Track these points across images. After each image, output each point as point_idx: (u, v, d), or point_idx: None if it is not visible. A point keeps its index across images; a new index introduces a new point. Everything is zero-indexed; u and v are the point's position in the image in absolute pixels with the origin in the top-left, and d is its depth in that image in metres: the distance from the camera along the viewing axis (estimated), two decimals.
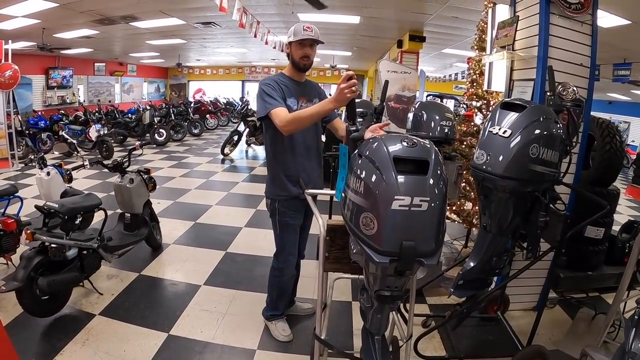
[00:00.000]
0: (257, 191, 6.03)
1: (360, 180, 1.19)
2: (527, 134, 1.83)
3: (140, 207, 3.34)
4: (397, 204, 1.12)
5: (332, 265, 1.76)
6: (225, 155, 8.54)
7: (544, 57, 2.55)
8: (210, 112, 13.68)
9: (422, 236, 1.17)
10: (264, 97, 2.10)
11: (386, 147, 1.19)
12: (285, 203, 2.32)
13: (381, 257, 1.15)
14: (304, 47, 2.18)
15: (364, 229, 1.17)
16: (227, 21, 7.16)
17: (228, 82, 19.04)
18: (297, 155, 2.26)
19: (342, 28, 7.73)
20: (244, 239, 4.12)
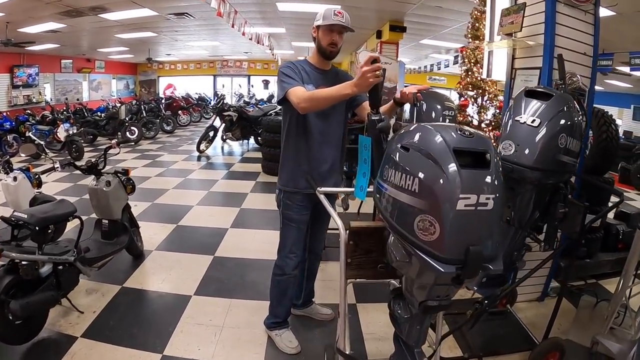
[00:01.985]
0: (238, 189, 5.82)
1: (412, 177, 1.03)
2: (556, 123, 1.75)
3: (118, 212, 3.06)
4: (463, 204, 0.98)
5: (355, 271, 1.60)
6: (201, 152, 8.31)
7: (550, 46, 2.50)
8: (183, 108, 13.37)
9: (487, 238, 1.04)
10: (282, 79, 2.00)
11: (442, 137, 1.04)
12: (290, 196, 2.20)
13: (446, 266, 1.00)
14: (332, 33, 2.04)
15: (420, 234, 1.01)
16: (202, 12, 6.94)
17: (199, 77, 18.67)
18: (313, 144, 2.13)
19: None
20: (231, 241, 3.91)
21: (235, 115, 8.27)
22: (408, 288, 1.30)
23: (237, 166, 7.41)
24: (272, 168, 6.63)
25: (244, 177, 6.56)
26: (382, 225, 1.44)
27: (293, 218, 2.23)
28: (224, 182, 6.24)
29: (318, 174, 2.15)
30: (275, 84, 18.88)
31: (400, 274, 1.37)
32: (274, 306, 2.42)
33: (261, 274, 3.24)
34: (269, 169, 6.72)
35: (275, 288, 2.38)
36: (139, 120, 10.23)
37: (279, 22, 8.69)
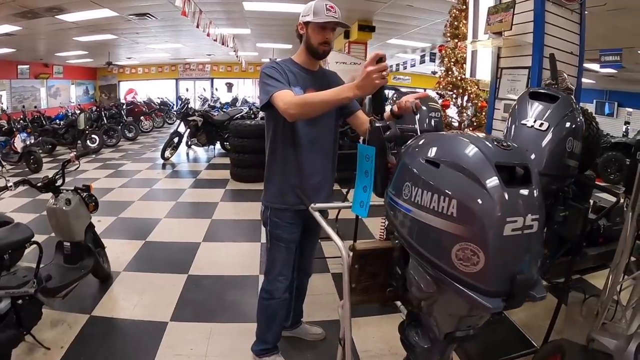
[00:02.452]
0: (207, 198, 5.58)
1: (448, 198, 0.90)
2: (563, 126, 1.70)
3: (81, 233, 2.78)
4: (510, 228, 0.86)
5: (360, 297, 1.45)
6: (166, 159, 7.97)
7: (540, 45, 2.47)
8: (145, 113, 12.87)
9: (531, 264, 0.93)
10: (265, 81, 1.78)
11: (481, 150, 0.92)
12: (279, 213, 2.00)
13: (493, 300, 0.88)
14: (325, 31, 1.83)
15: (460, 265, 0.89)
16: (164, 12, 6.69)
17: (161, 81, 18.15)
18: (303, 155, 1.94)
19: (286, 18, 7.45)
20: (205, 257, 3.68)
21: (201, 120, 7.99)
22: (432, 317, 1.17)
23: (204, 173, 7.14)
24: (242, 174, 6.45)
25: (212, 185, 6.32)
26: (389, 245, 1.32)
27: (283, 237, 2.03)
28: (191, 192, 5.97)
29: (309, 188, 1.96)
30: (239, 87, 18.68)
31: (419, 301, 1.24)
32: (262, 331, 2.23)
33: (241, 292, 3.08)
34: (238, 175, 6.52)
35: (263, 313, 2.18)
36: (100, 128, 9.80)
37: (244, 23, 8.52)
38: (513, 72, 2.77)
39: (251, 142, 6.38)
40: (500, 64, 2.91)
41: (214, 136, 8.40)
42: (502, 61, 2.89)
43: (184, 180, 6.66)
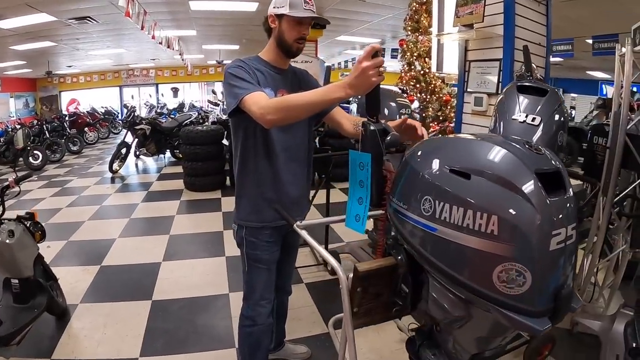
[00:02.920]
0: (162, 212, 5.28)
1: (487, 214, 0.81)
2: (554, 120, 1.69)
3: (29, 266, 2.48)
4: (555, 242, 0.80)
5: (362, 320, 1.34)
6: (115, 172, 7.53)
7: (511, 36, 2.49)
8: (89, 124, 12.18)
9: (571, 275, 0.87)
10: (232, 82, 1.55)
11: (518, 157, 0.84)
12: (256, 232, 1.80)
13: (541, 321, 0.81)
14: (301, 26, 1.65)
15: (504, 288, 0.80)
16: (106, 15, 6.30)
17: (104, 89, 17.26)
18: (278, 165, 1.75)
19: (235, 17, 7.28)
20: (168, 278, 3.44)
21: (149, 128, 7.61)
22: (453, 338, 1.09)
23: (156, 185, 6.79)
24: (196, 184, 6.24)
25: (166, 197, 6.02)
26: (393, 261, 1.22)
27: (262, 258, 1.85)
28: (145, 206, 5.63)
29: (288, 201, 1.80)
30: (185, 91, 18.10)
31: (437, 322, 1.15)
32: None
33: (213, 314, 2.90)
34: (192, 185, 6.28)
35: (245, 341, 1.98)
36: (42, 143, 9.13)
37: (190, 24, 8.22)
38: (482, 64, 2.78)
39: (204, 148, 6.16)
40: (468, 56, 2.91)
41: (163, 144, 8.05)
42: (470, 54, 2.89)
43: (136, 194, 6.29)
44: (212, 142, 6.31)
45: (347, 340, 1.35)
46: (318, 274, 3.59)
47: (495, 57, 2.62)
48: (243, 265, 1.90)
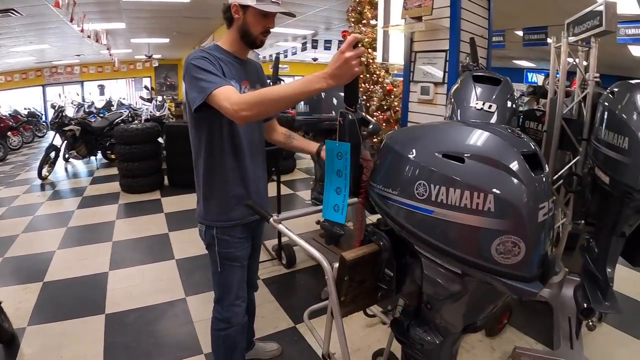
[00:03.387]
0: (101, 217, 5.01)
1: (484, 194, 0.90)
2: (507, 107, 1.85)
3: None
4: (542, 214, 0.91)
5: (349, 308, 1.41)
6: (44, 178, 6.98)
7: (457, 28, 2.65)
8: (12, 128, 11.11)
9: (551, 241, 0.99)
10: (197, 75, 1.48)
11: (506, 141, 0.94)
12: (228, 230, 1.79)
13: (534, 284, 0.92)
14: (267, 19, 1.64)
15: (502, 259, 0.90)
16: (31, 6, 5.80)
17: (26, 89, 15.96)
18: (245, 161, 1.75)
19: (167, 9, 7.02)
20: (118, 288, 3.28)
21: (78, 128, 7.11)
22: (448, 314, 1.18)
23: (90, 189, 6.40)
24: (133, 185, 6.00)
25: (103, 202, 5.71)
26: (376, 247, 1.29)
27: (237, 256, 1.84)
28: (81, 213, 5.30)
29: (256, 196, 1.83)
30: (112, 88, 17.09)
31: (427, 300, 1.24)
32: None
33: (173, 322, 2.84)
34: (129, 187, 6.03)
35: (221, 346, 1.95)
36: None
37: (120, 16, 7.81)
38: (428, 55, 2.94)
39: (140, 148, 5.95)
40: (414, 47, 3.06)
41: (94, 145, 7.57)
42: (416, 45, 3.04)
43: (70, 201, 5.88)
44: (148, 140, 6.09)
45: (337, 329, 1.40)
46: (273, 268, 3.64)
47: (441, 48, 2.79)
48: (214, 267, 1.86)
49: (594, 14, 2.41)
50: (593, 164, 2.23)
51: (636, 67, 10.88)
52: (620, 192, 1.99)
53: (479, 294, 1.05)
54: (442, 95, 2.95)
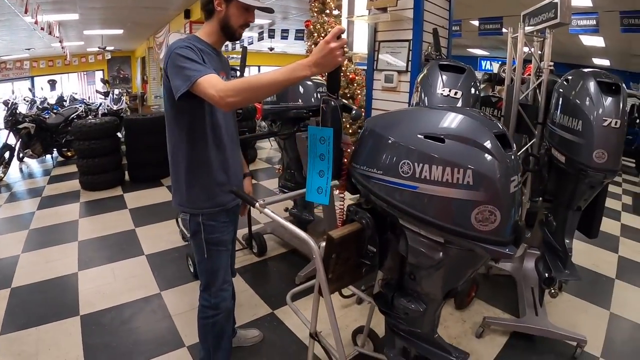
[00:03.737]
0: (64, 217, 4.86)
1: (463, 169, 1.02)
2: (471, 94, 1.99)
3: None
4: (513, 185, 1.05)
5: (336, 284, 1.52)
6: None
7: (420, 19, 2.78)
8: None
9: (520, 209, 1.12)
10: (182, 64, 1.52)
11: (480, 123, 1.06)
12: (213, 216, 1.84)
13: (510, 247, 1.05)
14: (249, 13, 1.73)
15: (480, 226, 1.03)
16: None
17: None
18: (225, 149, 1.82)
19: None
20: (90, 288, 3.22)
21: (33, 126, 6.79)
22: (431, 282, 1.29)
23: (49, 189, 6.16)
24: (94, 182, 5.84)
25: (63, 201, 5.52)
26: (359, 226, 1.39)
27: (223, 240, 1.90)
28: (42, 214, 5.11)
29: (237, 182, 1.92)
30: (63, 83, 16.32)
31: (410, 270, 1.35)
32: (212, 354, 2.03)
33: (150, 318, 2.84)
34: (90, 184, 5.87)
35: (210, 333, 2.00)
36: None
37: (74, 7, 7.49)
38: (392, 45, 3.07)
39: (100, 143, 5.79)
40: (377, 37, 3.17)
41: (50, 143, 7.26)
42: (379, 35, 3.16)
43: (29, 202, 5.63)
44: (107, 135, 5.93)
45: (326, 306, 1.50)
46: (245, 257, 3.69)
47: (405, 38, 2.92)
48: (200, 254, 1.90)
49: (550, 6, 2.60)
50: (549, 145, 2.43)
51: (587, 55, 11.58)
52: (575, 169, 2.19)
53: (459, 261, 1.18)
54: (406, 83, 3.09)
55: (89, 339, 2.60)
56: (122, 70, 18.05)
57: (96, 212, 5.10)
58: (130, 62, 17.95)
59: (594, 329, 2.75)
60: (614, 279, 3.51)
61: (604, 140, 2.04)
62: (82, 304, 3.00)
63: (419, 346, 1.43)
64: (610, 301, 3.13)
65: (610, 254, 4.08)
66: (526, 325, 2.56)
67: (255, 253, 3.72)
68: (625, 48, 9.50)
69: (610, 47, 9.64)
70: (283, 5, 8.48)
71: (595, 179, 2.19)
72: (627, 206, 5.97)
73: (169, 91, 1.60)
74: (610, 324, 2.83)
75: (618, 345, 2.63)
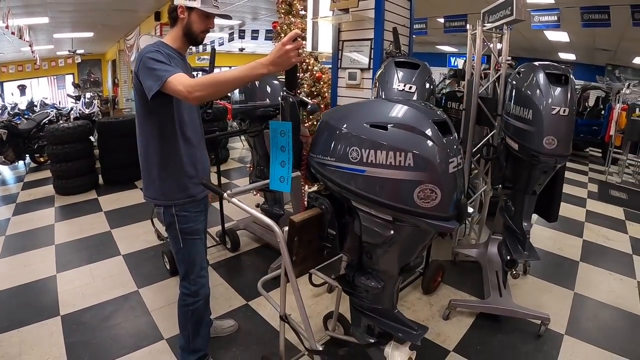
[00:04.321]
0: (39, 222, 4.82)
1: (404, 153, 1.14)
2: (426, 88, 2.13)
3: None
4: (452, 166, 1.16)
5: (300, 267, 1.62)
6: None
7: (381, 19, 2.91)
8: None
9: (463, 190, 1.24)
10: (152, 66, 1.65)
11: (420, 112, 1.18)
12: (186, 206, 1.97)
13: (451, 222, 1.17)
14: (209, 19, 1.88)
15: (422, 203, 1.15)
16: None
17: None
18: (190, 144, 1.95)
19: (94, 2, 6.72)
20: (69, 289, 3.23)
21: (5, 132, 6.68)
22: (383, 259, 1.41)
23: (23, 195, 6.08)
24: (69, 186, 5.77)
25: (38, 206, 5.47)
26: (319, 211, 1.50)
27: (197, 229, 2.04)
28: (18, 220, 5.05)
29: (204, 175, 2.05)
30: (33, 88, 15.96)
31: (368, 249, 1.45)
32: (191, 340, 2.14)
33: (130, 314, 2.89)
34: (64, 188, 5.80)
35: (189, 320, 2.11)
36: None
37: (44, 10, 7.38)
38: (355, 44, 3.20)
39: (74, 147, 5.75)
40: (341, 37, 3.30)
41: (22, 149, 7.15)
42: (343, 34, 3.29)
43: (3, 209, 5.54)
44: (80, 139, 5.89)
45: (292, 287, 1.60)
46: (219, 253, 3.79)
47: (367, 37, 3.05)
48: (176, 244, 2.01)
49: (506, 4, 2.75)
50: (505, 135, 2.58)
51: (552, 50, 11.96)
52: (528, 156, 2.35)
53: (409, 237, 1.29)
54: (368, 80, 3.23)
55: (70, 337, 2.64)
56: (93, 74, 17.72)
57: (71, 216, 5.07)
58: (101, 65, 17.64)
59: (558, 308, 2.92)
60: (578, 262, 3.70)
61: (554, 128, 2.20)
62: (62, 304, 3.03)
63: (382, 322, 1.55)
64: (575, 282, 3.31)
65: (575, 238, 4.29)
66: (491, 306, 2.71)
67: (229, 248, 3.81)
68: (589, 42, 9.84)
69: (575, 41, 9.97)
70: (253, 6, 8.52)
71: (547, 164, 2.34)
72: (592, 193, 6.24)
73: (140, 92, 1.74)
74: (574, 303, 3.01)
75: (582, 322, 2.80)
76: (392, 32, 2.88)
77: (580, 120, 9.34)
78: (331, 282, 2.19)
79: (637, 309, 2.99)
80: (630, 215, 5.29)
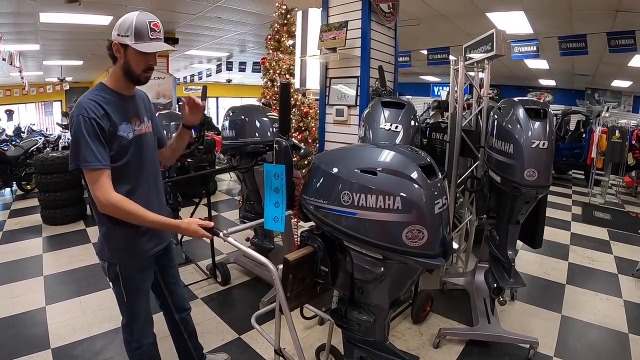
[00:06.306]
0: (27, 252, 4.78)
1: (393, 196, 1.23)
2: (411, 126, 2.25)
3: None
4: (438, 207, 1.25)
5: (295, 302, 1.68)
6: None
7: (367, 57, 3.07)
8: None
9: (449, 228, 1.33)
10: (80, 138, 1.55)
11: (406, 157, 1.28)
12: (131, 265, 1.82)
13: (438, 259, 1.26)
14: (149, 56, 1.65)
15: (410, 243, 1.23)
16: None
17: None
18: (148, 194, 1.81)
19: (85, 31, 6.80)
20: (59, 322, 3.21)
21: None
22: (373, 295, 1.48)
23: (10, 223, 6.01)
24: (57, 217, 5.74)
25: (26, 236, 5.42)
26: (311, 249, 1.58)
27: (141, 287, 1.89)
28: (4, 248, 4.99)
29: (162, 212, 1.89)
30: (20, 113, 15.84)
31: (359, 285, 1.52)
32: None
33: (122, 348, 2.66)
34: (52, 218, 5.77)
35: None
36: None
37: (36, 38, 7.49)
38: (342, 81, 3.35)
39: (62, 177, 5.74)
40: (329, 74, 3.44)
41: (9, 176, 7.10)
42: (330, 72, 3.43)
43: None
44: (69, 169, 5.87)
45: (287, 322, 1.65)
46: (210, 287, 3.78)
47: (353, 75, 3.20)
48: (119, 297, 1.89)
49: (487, 39, 2.89)
50: (488, 167, 2.69)
51: (533, 77, 12.34)
52: (510, 188, 2.45)
53: (398, 273, 1.38)
54: (355, 116, 3.35)
55: None
56: None
57: (60, 246, 5.02)
58: None
59: (547, 331, 2.99)
60: (564, 285, 3.80)
61: (534, 160, 2.31)
62: (52, 337, 2.99)
63: (374, 354, 1.61)
64: (562, 304, 3.40)
65: (560, 261, 4.40)
66: (480, 333, 2.77)
67: (220, 282, 3.81)
68: (568, 68, 10.20)
69: (555, 68, 10.33)
70: (240, 39, 8.71)
71: (529, 195, 2.45)
72: (576, 216, 6.40)
73: None
74: (562, 325, 3.08)
75: (570, 344, 2.87)
76: (377, 69, 3.02)
77: (562, 144, 9.62)
78: (323, 315, 2.23)
79: (624, 328, 3.08)
80: (614, 235, 5.44)
